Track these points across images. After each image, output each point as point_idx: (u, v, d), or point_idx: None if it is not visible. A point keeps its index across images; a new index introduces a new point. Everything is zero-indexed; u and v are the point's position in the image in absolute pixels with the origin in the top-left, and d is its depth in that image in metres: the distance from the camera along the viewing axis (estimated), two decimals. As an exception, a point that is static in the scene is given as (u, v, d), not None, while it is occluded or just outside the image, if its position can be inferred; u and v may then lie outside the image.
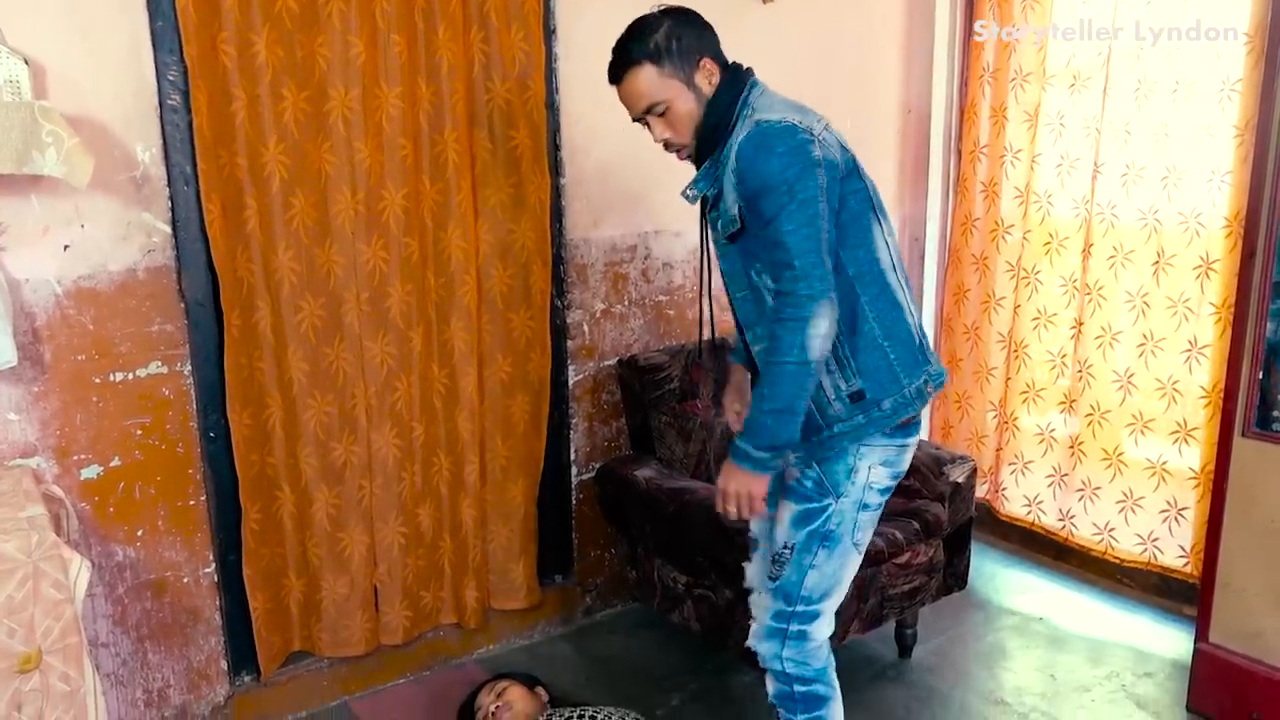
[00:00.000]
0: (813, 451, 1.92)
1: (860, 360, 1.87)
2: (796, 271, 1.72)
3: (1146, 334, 3.12)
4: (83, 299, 2.16)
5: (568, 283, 2.87)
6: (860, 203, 1.86)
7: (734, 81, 1.89)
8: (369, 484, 2.60)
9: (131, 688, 2.34)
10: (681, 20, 1.88)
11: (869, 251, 1.86)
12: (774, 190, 1.75)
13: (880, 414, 1.88)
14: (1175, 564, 3.14)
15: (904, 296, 1.91)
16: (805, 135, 1.77)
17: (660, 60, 1.86)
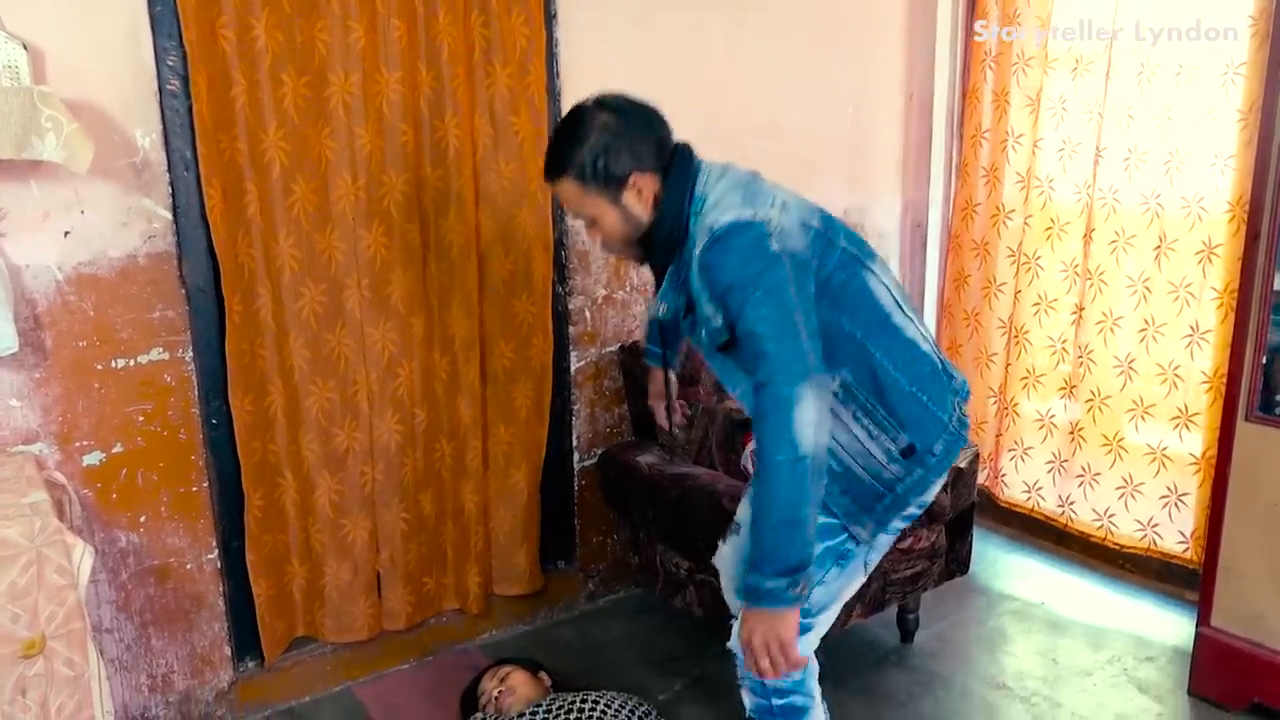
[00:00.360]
0: (883, 519, 1.86)
1: (899, 415, 1.81)
2: (771, 358, 1.63)
3: (1148, 319, 3.12)
4: (84, 285, 2.15)
5: (569, 269, 2.86)
6: (845, 265, 1.80)
7: (678, 182, 1.79)
8: (371, 470, 2.59)
9: (136, 673, 2.34)
10: (615, 131, 1.76)
11: (871, 307, 1.81)
12: (739, 286, 1.67)
13: (935, 459, 1.84)
14: (1175, 550, 3.14)
15: (915, 329, 1.87)
16: (761, 229, 1.69)
17: (584, 178, 1.77)
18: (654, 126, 1.82)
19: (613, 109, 1.78)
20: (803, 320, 1.66)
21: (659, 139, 1.81)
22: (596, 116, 1.76)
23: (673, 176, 1.79)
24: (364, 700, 2.63)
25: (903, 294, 1.90)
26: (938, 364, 1.89)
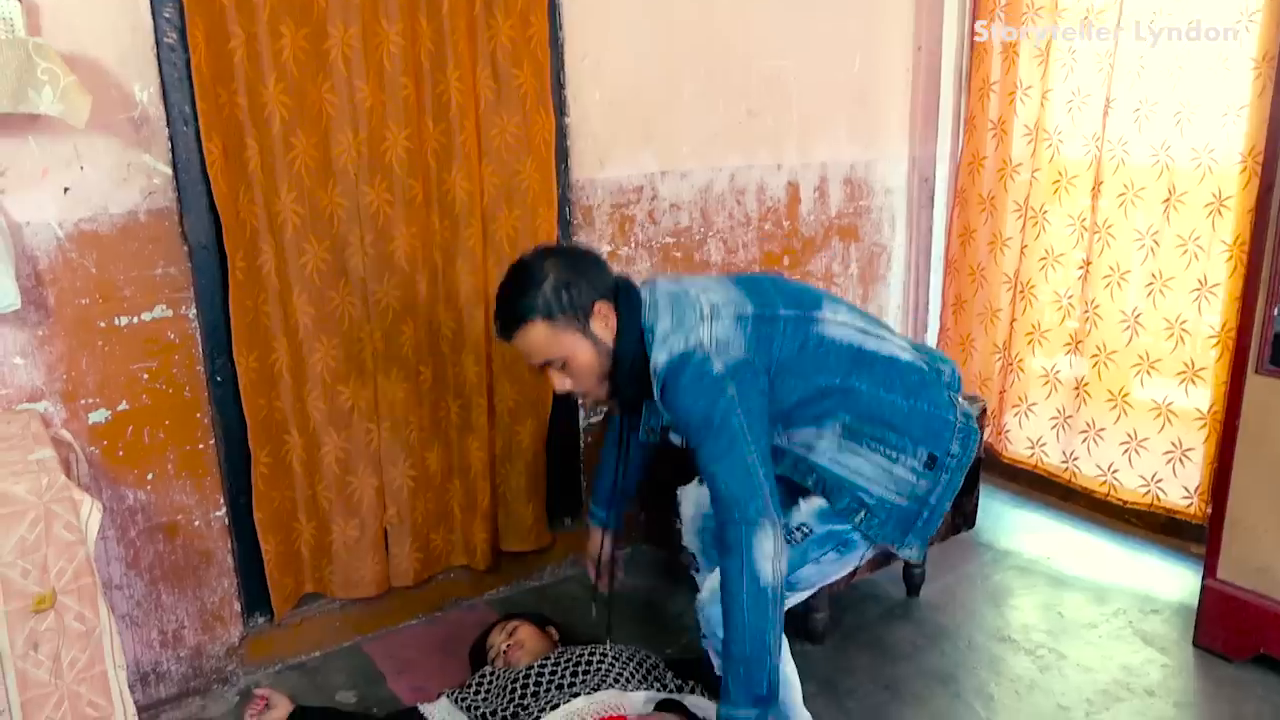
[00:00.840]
0: (925, 533, 1.92)
1: (910, 432, 1.86)
2: (726, 499, 1.70)
3: (1155, 273, 3.10)
4: (84, 242, 2.13)
5: (574, 225, 2.83)
6: (794, 332, 1.84)
7: (630, 313, 1.84)
8: (377, 428, 2.59)
9: (146, 628, 2.36)
10: (568, 264, 1.82)
11: (836, 352, 1.85)
12: (692, 427, 1.75)
13: (955, 459, 1.90)
14: (1179, 505, 3.15)
15: (890, 344, 1.92)
16: (695, 358, 1.75)
17: (552, 315, 1.79)
18: (598, 263, 1.89)
19: (555, 253, 1.87)
20: (755, 450, 1.71)
21: (605, 273, 1.88)
22: (544, 260, 1.83)
23: (622, 312, 1.85)
24: (373, 655, 2.65)
25: (864, 317, 1.95)
26: (924, 367, 1.92)
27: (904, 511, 1.88)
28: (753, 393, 1.75)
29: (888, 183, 3.62)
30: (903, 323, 3.83)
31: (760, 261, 3.27)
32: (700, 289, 1.87)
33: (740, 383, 1.74)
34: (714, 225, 3.12)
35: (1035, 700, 2.43)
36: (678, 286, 1.88)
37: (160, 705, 2.41)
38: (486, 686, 2.23)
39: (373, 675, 2.57)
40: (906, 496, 1.88)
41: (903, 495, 1.87)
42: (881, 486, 1.87)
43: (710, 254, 3.13)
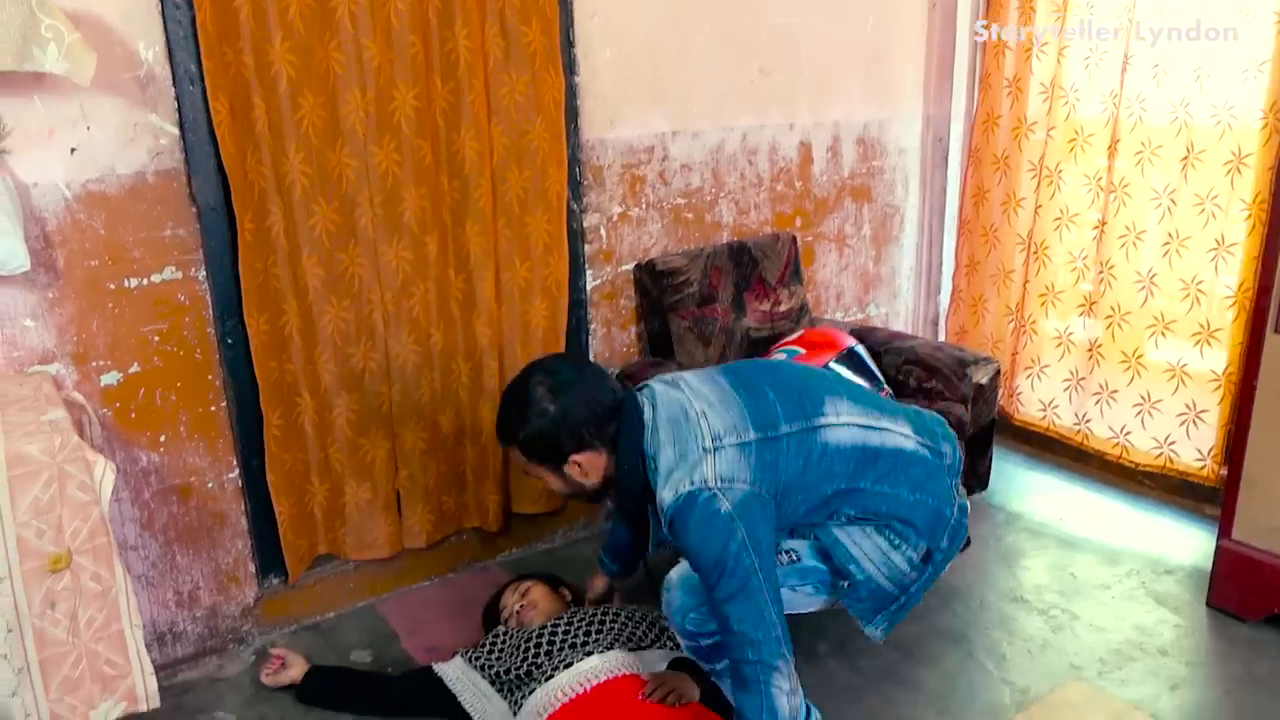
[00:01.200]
0: (894, 618, 1.94)
1: (916, 523, 1.86)
2: (739, 640, 1.71)
3: (1172, 233, 3.06)
4: (92, 203, 2.12)
5: (584, 185, 2.81)
6: (798, 448, 1.80)
7: (630, 439, 1.82)
8: (388, 390, 2.59)
9: (162, 589, 2.37)
10: (553, 417, 1.82)
11: (843, 458, 1.82)
12: (702, 566, 1.73)
13: (943, 554, 1.92)
14: (1192, 467, 3.13)
15: (895, 432, 1.87)
16: (700, 498, 1.71)
17: (527, 453, 1.88)
18: (594, 401, 1.84)
19: (554, 389, 1.83)
20: (768, 587, 1.71)
21: (600, 413, 1.84)
22: (538, 398, 1.82)
23: (623, 441, 1.83)
24: (387, 616, 2.67)
25: (866, 406, 1.90)
26: (928, 456, 1.90)
27: (885, 595, 1.90)
28: (761, 526, 1.74)
29: (901, 142, 3.57)
30: (915, 285, 3.80)
31: (772, 223, 3.24)
32: (700, 407, 1.80)
33: (749, 521, 1.71)
34: (725, 186, 3.09)
35: (1048, 659, 2.43)
36: (676, 404, 1.82)
37: (177, 664, 2.43)
38: (500, 646, 2.24)
39: (387, 635, 2.58)
40: (893, 582, 1.89)
41: (891, 581, 1.88)
42: (874, 567, 1.87)
43: (722, 215, 3.11)
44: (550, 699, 1.99)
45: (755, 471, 1.75)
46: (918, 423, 1.94)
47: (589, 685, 1.99)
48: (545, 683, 2.03)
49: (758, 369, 1.96)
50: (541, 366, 1.90)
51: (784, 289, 3.10)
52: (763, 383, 1.87)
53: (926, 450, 1.89)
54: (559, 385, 1.84)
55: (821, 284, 3.48)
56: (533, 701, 2.01)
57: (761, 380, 1.88)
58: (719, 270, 2.96)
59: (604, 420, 1.84)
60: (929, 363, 2.88)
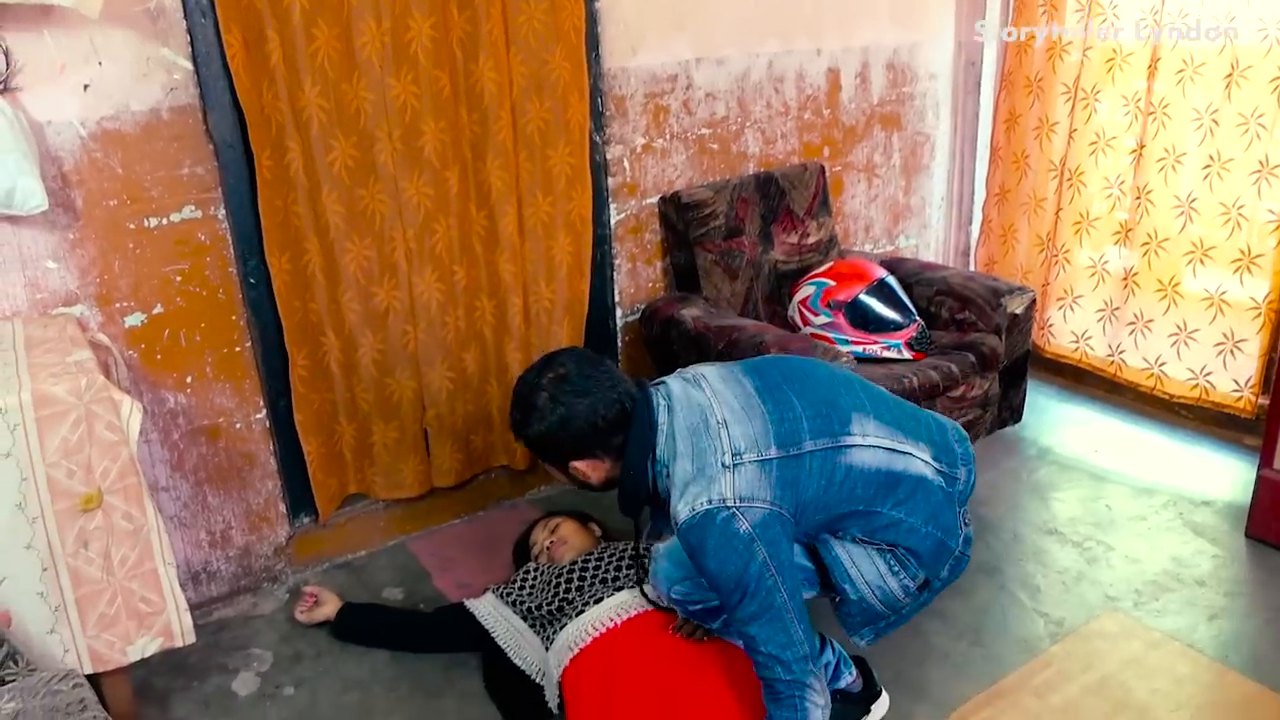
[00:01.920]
0: (881, 632, 1.91)
1: (920, 553, 1.80)
2: (767, 660, 1.66)
3: (1213, 155, 2.97)
4: (108, 141, 2.08)
5: (606, 116, 2.74)
6: (821, 468, 1.72)
7: (640, 440, 1.74)
8: (413, 329, 2.56)
9: (195, 529, 2.38)
10: (555, 424, 1.75)
11: (864, 480, 1.74)
12: (722, 588, 1.67)
13: (941, 583, 1.88)
14: (1228, 398, 3.07)
15: (915, 455, 1.79)
16: (719, 517, 1.63)
17: (531, 449, 1.86)
18: (599, 410, 1.75)
19: (558, 397, 1.76)
20: (791, 604, 1.66)
21: (602, 426, 1.76)
22: (541, 403, 1.77)
23: (630, 451, 1.76)
24: (417, 554, 2.68)
25: (892, 426, 1.80)
26: (944, 485, 1.82)
27: (875, 613, 1.86)
28: (782, 545, 1.68)
29: (932, 67, 3.47)
30: (946, 215, 3.72)
31: (799, 153, 3.16)
32: (721, 415, 1.72)
33: (769, 541, 1.65)
34: (751, 115, 3.01)
35: (1082, 591, 2.41)
36: (696, 410, 1.74)
37: (212, 603, 2.45)
38: (531, 582, 2.24)
39: (418, 573, 2.60)
40: (886, 604, 1.84)
41: (884, 603, 1.84)
42: (869, 589, 1.82)
43: (748, 145, 3.03)
44: (581, 634, 1.99)
45: (776, 490, 1.68)
46: (940, 443, 1.86)
47: (619, 620, 1.99)
48: (576, 618, 2.03)
49: (786, 373, 1.84)
50: (552, 367, 1.81)
51: (812, 220, 3.04)
52: (790, 392, 1.77)
53: (942, 479, 1.82)
54: (563, 393, 1.76)
55: (850, 215, 3.40)
56: (564, 636, 2.01)
57: (789, 388, 1.78)
58: (745, 202, 2.89)
59: (607, 432, 1.77)
60: (962, 293, 2.82)
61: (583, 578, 2.14)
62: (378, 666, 2.24)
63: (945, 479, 1.82)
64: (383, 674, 2.22)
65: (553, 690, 2.01)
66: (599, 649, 1.94)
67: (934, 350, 2.74)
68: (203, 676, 2.23)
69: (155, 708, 2.13)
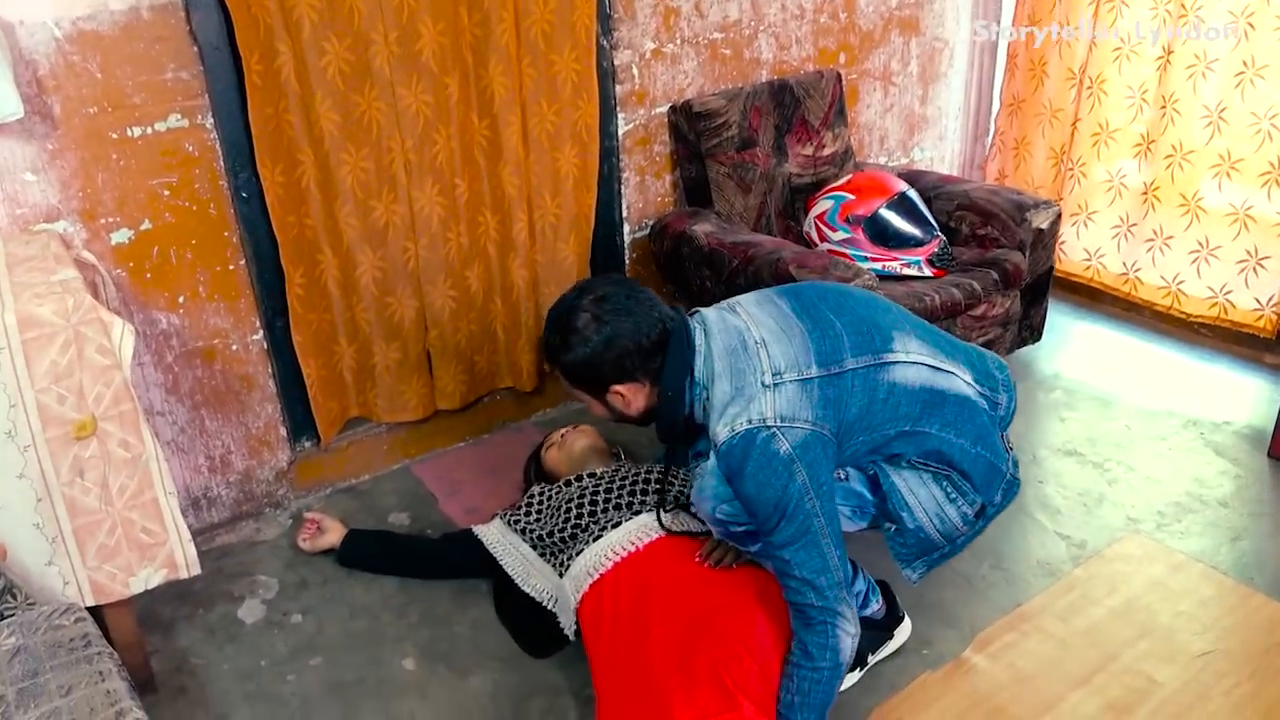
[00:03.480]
0: (934, 564, 1.86)
1: (972, 476, 1.74)
2: (799, 585, 1.62)
3: (1247, 60, 2.83)
4: (85, 43, 1.93)
5: (614, 19, 2.58)
6: (864, 385, 1.65)
7: (677, 366, 1.70)
8: (414, 245, 2.45)
9: (193, 454, 2.30)
10: (596, 346, 1.71)
11: (909, 398, 1.67)
12: (759, 511, 1.62)
13: (995, 509, 1.82)
14: (1248, 317, 3.00)
15: (958, 375, 1.73)
16: (761, 437, 1.58)
17: (569, 378, 1.80)
18: (640, 331, 1.71)
19: (599, 317, 1.71)
20: (830, 532, 1.62)
21: (645, 345, 1.72)
22: (581, 324, 1.72)
23: (668, 373, 1.71)
24: (423, 478, 2.61)
25: (933, 344, 1.75)
26: (987, 407, 1.77)
27: (930, 544, 1.80)
28: (822, 468, 1.62)
29: (952, -35, 3.29)
30: (963, 127, 3.58)
31: (815, 60, 3.01)
32: (759, 335, 1.66)
33: (810, 463, 1.59)
34: (765, 18, 2.85)
35: (1103, 513, 2.37)
36: (733, 332, 1.68)
37: (214, 529, 2.39)
38: (539, 507, 2.16)
39: (424, 497, 2.53)
40: (943, 534, 1.78)
41: (941, 532, 1.78)
42: (927, 517, 1.76)
43: (761, 51, 2.88)
44: (600, 559, 1.92)
45: (817, 410, 1.62)
46: (980, 368, 1.81)
47: (640, 544, 1.93)
48: (593, 543, 1.97)
49: (822, 293, 1.79)
50: (590, 290, 1.76)
51: (828, 131, 2.91)
52: (827, 310, 1.72)
53: (985, 401, 1.77)
54: (605, 313, 1.71)
55: (865, 126, 3.27)
56: (581, 562, 1.95)
57: (826, 307, 1.72)
58: (759, 112, 2.76)
59: (649, 353, 1.72)
60: (984, 207, 2.72)
61: (595, 502, 2.07)
62: (386, 593, 2.19)
63: (988, 402, 1.77)
64: (392, 601, 2.17)
65: (569, 617, 1.96)
66: (621, 573, 1.87)
67: (955, 267, 2.65)
68: (208, 605, 2.17)
69: (160, 636, 2.08)
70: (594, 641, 1.83)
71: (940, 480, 1.74)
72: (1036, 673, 1.91)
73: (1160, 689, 1.87)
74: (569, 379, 1.81)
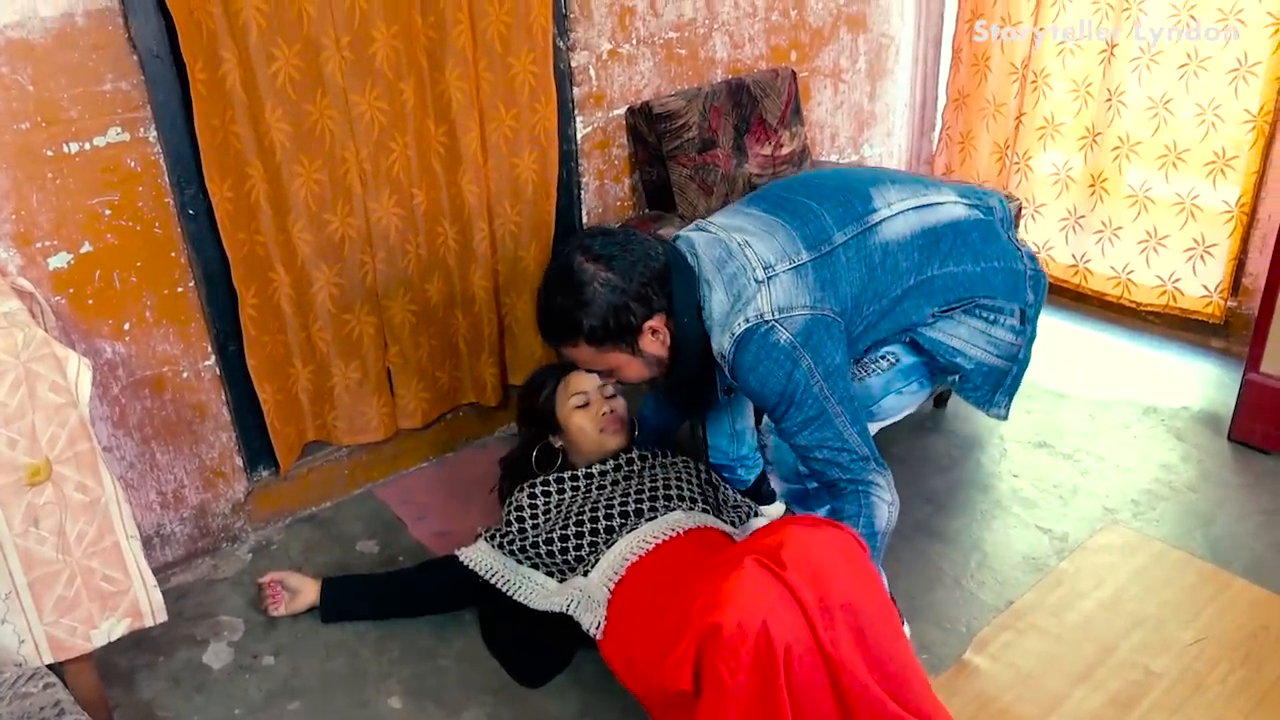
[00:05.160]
0: (1012, 389, 1.87)
1: (996, 292, 1.74)
2: (823, 467, 1.63)
3: (1190, 53, 2.89)
4: (15, 54, 1.78)
5: (570, 19, 2.51)
6: (857, 256, 1.65)
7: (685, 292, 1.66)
8: (371, 259, 2.34)
9: (143, 490, 2.15)
10: (616, 286, 1.62)
11: (904, 251, 1.68)
12: (768, 403, 1.63)
13: (1034, 309, 1.81)
14: (1196, 304, 3.06)
15: (945, 204, 1.75)
16: (760, 330, 1.59)
17: (598, 341, 1.66)
18: (645, 259, 1.65)
19: (602, 258, 1.64)
20: (844, 409, 1.61)
21: (655, 271, 1.66)
22: (590, 274, 1.63)
23: (678, 296, 1.66)
24: (388, 501, 2.50)
25: (912, 183, 1.78)
26: (980, 215, 1.78)
27: (999, 372, 1.81)
28: (828, 350, 1.60)
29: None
30: (910, 122, 3.59)
31: (767, 57, 2.97)
32: (741, 238, 1.65)
33: (814, 347, 1.58)
34: (719, 16, 2.81)
35: (1080, 504, 2.38)
36: (717, 244, 1.67)
37: (169, 568, 2.24)
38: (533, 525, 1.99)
39: (390, 522, 2.42)
40: (1003, 357, 1.79)
41: (1001, 356, 1.79)
42: (980, 350, 1.77)
43: (715, 50, 2.83)
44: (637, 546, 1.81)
45: (815, 293, 1.62)
46: (959, 189, 1.85)
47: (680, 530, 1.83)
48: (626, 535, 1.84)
49: (788, 185, 1.80)
50: (576, 244, 1.69)
51: (785, 130, 2.87)
52: (800, 196, 1.72)
53: (978, 211, 1.79)
54: (607, 254, 1.64)
55: (816, 124, 3.25)
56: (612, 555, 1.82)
57: (797, 195, 1.73)
58: (718, 112, 2.71)
59: (662, 277, 1.66)
60: (946, 204, 2.71)
61: (609, 515, 1.91)
62: (363, 627, 2.07)
63: (980, 210, 1.79)
64: (369, 636, 2.05)
65: (596, 615, 1.76)
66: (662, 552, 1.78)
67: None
68: (169, 651, 2.03)
69: (120, 690, 1.93)
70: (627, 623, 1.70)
71: (971, 312, 1.75)
72: (1038, 671, 1.90)
73: (1159, 680, 1.87)
74: (597, 341, 1.67)
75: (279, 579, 2.10)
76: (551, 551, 1.95)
